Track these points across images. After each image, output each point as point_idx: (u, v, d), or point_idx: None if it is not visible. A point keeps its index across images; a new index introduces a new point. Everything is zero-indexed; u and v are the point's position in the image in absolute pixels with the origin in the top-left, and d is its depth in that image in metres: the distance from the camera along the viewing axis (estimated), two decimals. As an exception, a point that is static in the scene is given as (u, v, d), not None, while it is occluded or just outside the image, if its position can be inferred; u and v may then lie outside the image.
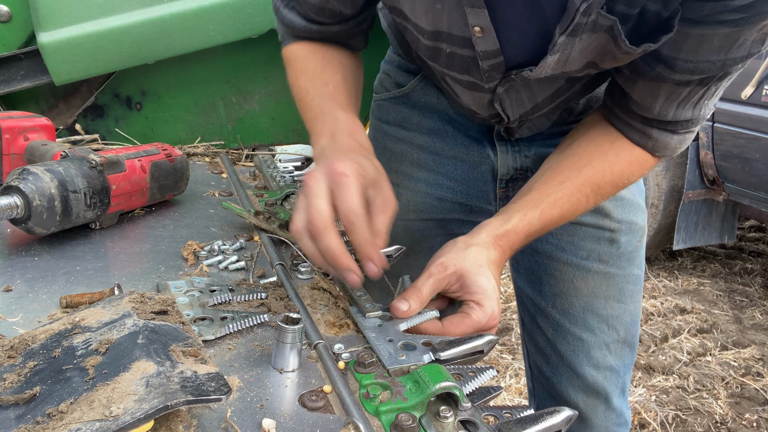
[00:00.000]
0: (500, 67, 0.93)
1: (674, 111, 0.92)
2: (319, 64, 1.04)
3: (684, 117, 0.93)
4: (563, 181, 0.95)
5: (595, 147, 0.98)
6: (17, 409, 0.54)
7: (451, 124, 1.22)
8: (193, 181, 1.24)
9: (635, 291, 1.24)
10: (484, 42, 0.88)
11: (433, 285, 0.84)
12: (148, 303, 0.69)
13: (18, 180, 0.88)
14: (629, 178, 1.00)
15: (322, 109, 0.95)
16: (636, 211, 1.20)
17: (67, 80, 1.35)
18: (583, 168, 0.96)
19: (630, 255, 1.21)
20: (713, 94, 0.90)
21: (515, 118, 1.07)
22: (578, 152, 0.98)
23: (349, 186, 0.76)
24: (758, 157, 3.31)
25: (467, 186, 1.25)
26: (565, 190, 0.95)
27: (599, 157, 0.97)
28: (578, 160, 0.97)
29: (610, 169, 0.97)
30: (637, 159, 0.98)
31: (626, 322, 1.24)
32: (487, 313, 0.82)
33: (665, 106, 0.92)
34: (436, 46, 0.95)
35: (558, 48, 0.84)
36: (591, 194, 0.97)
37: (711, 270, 4.20)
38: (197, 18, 1.35)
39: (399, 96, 1.27)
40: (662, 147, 0.97)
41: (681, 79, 0.86)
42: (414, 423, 0.59)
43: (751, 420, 2.69)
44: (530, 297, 1.29)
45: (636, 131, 0.97)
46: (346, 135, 0.90)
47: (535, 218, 0.93)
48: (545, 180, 0.97)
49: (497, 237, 0.91)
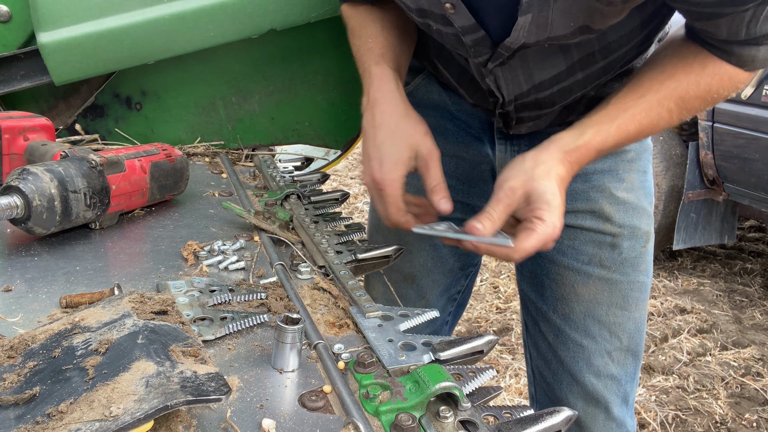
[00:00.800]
0: (485, 41, 0.92)
1: (745, 31, 0.85)
2: (361, 20, 1.10)
3: (762, 32, 0.85)
4: (643, 94, 0.91)
5: (679, 59, 0.93)
6: (17, 409, 0.54)
7: (452, 121, 1.22)
8: (193, 181, 1.24)
9: (640, 298, 1.20)
10: (458, 18, 0.88)
11: (503, 210, 0.87)
12: (148, 303, 0.69)
13: (18, 180, 0.88)
14: (719, 92, 0.93)
15: (362, 65, 1.04)
16: (640, 216, 1.17)
17: (67, 80, 1.35)
18: (666, 81, 0.91)
19: (634, 261, 1.18)
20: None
21: (510, 99, 1.06)
22: (660, 65, 0.93)
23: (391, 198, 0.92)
24: (758, 157, 3.31)
25: (468, 185, 1.25)
26: (645, 104, 0.91)
27: (683, 70, 0.92)
28: (660, 73, 0.92)
29: (696, 82, 0.91)
30: (726, 72, 0.91)
31: (630, 330, 1.20)
32: (549, 226, 0.84)
33: (732, 31, 0.85)
34: (426, 23, 0.97)
35: (527, 8, 0.82)
36: (675, 109, 0.92)
37: (711, 270, 4.20)
38: (197, 18, 1.35)
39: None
40: (749, 60, 0.90)
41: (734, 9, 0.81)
42: (414, 423, 0.59)
43: (751, 420, 2.69)
44: (533, 301, 1.27)
45: (716, 49, 0.91)
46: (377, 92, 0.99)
47: (610, 133, 0.90)
48: (624, 93, 0.92)
49: (567, 153, 0.89)
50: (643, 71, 0.95)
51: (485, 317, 3.42)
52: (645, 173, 1.19)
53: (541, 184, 0.85)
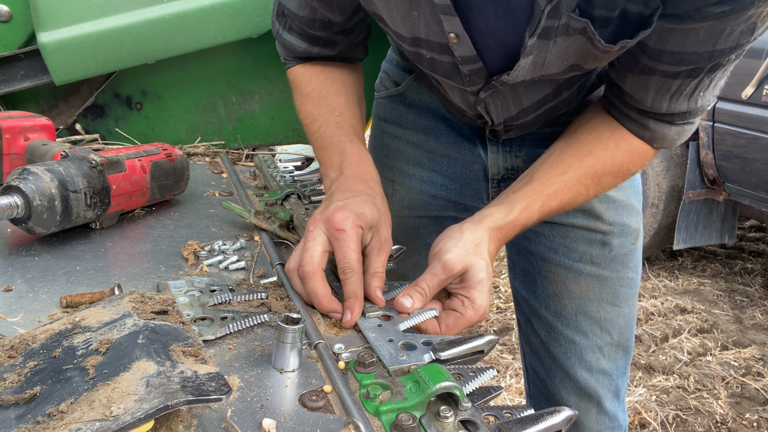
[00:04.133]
0: (481, 72, 0.94)
1: (667, 104, 0.91)
2: (323, 89, 1.07)
3: (679, 109, 0.92)
4: (564, 172, 0.95)
5: (595, 136, 0.97)
6: (17, 409, 0.54)
7: (444, 122, 1.23)
8: (193, 181, 1.24)
9: (630, 294, 1.23)
10: (461, 48, 0.89)
11: (438, 285, 0.85)
12: (148, 303, 0.69)
13: (18, 180, 0.88)
14: (629, 169, 0.99)
15: (331, 141, 1.00)
16: (629, 214, 1.19)
17: (67, 80, 1.35)
18: (584, 158, 0.96)
19: (624, 258, 1.20)
20: (709, 85, 0.88)
21: (500, 122, 1.08)
22: (579, 141, 0.98)
23: (346, 242, 0.82)
24: (758, 157, 3.31)
25: (460, 184, 1.25)
26: (566, 181, 0.95)
27: (600, 147, 0.96)
28: (579, 150, 0.96)
29: (611, 159, 0.96)
30: (636, 150, 0.97)
31: (620, 326, 1.23)
32: (479, 310, 0.85)
33: (657, 99, 0.91)
34: (417, 52, 0.97)
35: (530, 51, 0.84)
36: (591, 185, 0.97)
37: (711, 270, 4.20)
38: (197, 18, 1.35)
39: (396, 94, 1.28)
40: (660, 138, 0.96)
41: (668, 70, 0.85)
42: (414, 423, 0.59)
43: (752, 420, 2.69)
44: (525, 298, 1.29)
45: (633, 122, 0.96)
46: (354, 168, 0.95)
47: (535, 210, 0.94)
48: (546, 169, 0.96)
49: (497, 229, 0.91)
50: (565, 146, 0.99)
51: (485, 317, 3.42)
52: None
53: (477, 262, 0.85)
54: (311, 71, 1.10)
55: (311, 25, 1.04)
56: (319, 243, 0.83)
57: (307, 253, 0.82)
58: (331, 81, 1.08)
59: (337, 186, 0.93)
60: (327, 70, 1.09)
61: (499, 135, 1.16)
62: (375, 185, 0.94)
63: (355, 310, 0.80)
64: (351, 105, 1.06)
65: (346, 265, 0.82)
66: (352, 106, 1.06)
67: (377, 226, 0.87)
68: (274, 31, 1.12)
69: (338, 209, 0.84)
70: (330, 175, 0.97)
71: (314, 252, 0.82)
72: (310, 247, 0.83)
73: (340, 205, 0.85)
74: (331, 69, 1.10)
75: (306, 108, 1.07)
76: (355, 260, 0.82)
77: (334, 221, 0.83)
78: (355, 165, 0.96)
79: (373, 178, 0.96)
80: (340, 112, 1.03)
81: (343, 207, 0.85)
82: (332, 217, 0.83)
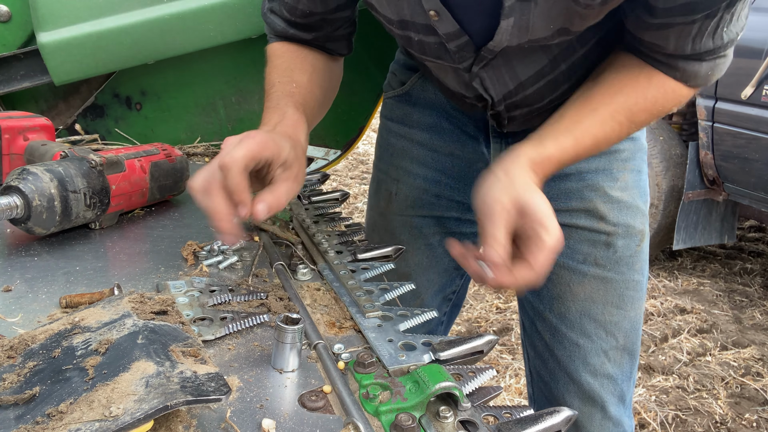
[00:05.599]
0: (469, 46, 0.93)
1: (691, 45, 0.88)
2: (290, 63, 1.08)
3: (705, 48, 0.88)
4: (596, 108, 0.92)
5: (626, 73, 0.94)
6: (17, 409, 0.54)
7: (447, 120, 1.23)
8: (193, 181, 1.24)
9: (636, 297, 1.20)
10: (442, 24, 0.89)
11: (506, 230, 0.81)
12: (148, 303, 0.69)
13: (18, 180, 0.88)
14: (664, 106, 0.95)
15: (278, 103, 0.99)
16: (634, 215, 1.17)
17: (66, 80, 1.35)
18: (616, 95, 0.92)
19: (629, 260, 1.18)
20: (731, 20, 0.85)
21: (499, 99, 1.06)
22: (609, 79, 0.94)
23: (246, 148, 0.79)
24: (758, 157, 3.31)
25: (464, 184, 1.25)
26: (598, 117, 0.91)
27: (631, 84, 0.93)
28: (610, 87, 0.93)
29: (643, 95, 0.93)
30: (670, 87, 0.94)
31: (626, 329, 1.21)
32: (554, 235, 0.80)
33: (680, 44, 0.88)
34: (407, 35, 0.97)
35: (509, 12, 0.83)
36: (625, 122, 0.93)
37: (711, 270, 4.20)
38: (197, 18, 1.35)
39: (401, 94, 1.28)
40: (692, 76, 0.93)
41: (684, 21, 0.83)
42: (414, 423, 0.59)
43: (751, 420, 2.69)
44: (529, 300, 1.28)
45: (661, 63, 0.93)
46: (286, 127, 0.92)
47: (568, 145, 0.90)
48: (576, 107, 0.93)
49: (535, 164, 0.87)
50: (592, 85, 0.95)
51: (485, 317, 3.42)
52: (639, 172, 1.19)
53: (531, 196, 0.82)
54: (286, 47, 1.12)
55: (293, 11, 1.08)
56: (221, 156, 0.80)
57: (212, 166, 0.80)
58: (301, 60, 1.09)
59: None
60: (301, 50, 1.11)
61: (502, 120, 1.12)
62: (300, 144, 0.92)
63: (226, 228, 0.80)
64: (312, 85, 1.06)
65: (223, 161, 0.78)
66: (313, 87, 1.06)
67: (291, 164, 0.86)
68: (262, 8, 1.16)
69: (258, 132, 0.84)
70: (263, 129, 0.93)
71: (213, 166, 0.80)
72: (214, 161, 0.80)
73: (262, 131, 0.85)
74: (306, 51, 1.11)
75: (270, 77, 1.06)
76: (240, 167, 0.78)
77: (249, 134, 0.82)
78: (289, 126, 0.93)
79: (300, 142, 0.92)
80: (298, 85, 1.03)
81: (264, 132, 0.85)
82: (249, 133, 0.83)
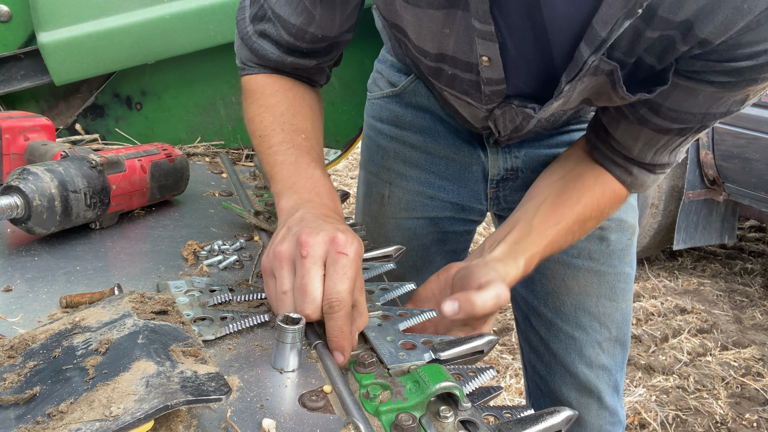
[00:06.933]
0: (502, 93, 0.94)
1: (652, 156, 0.96)
2: (290, 106, 0.98)
3: (660, 161, 0.97)
4: (558, 222, 0.98)
5: (582, 184, 1.00)
6: (17, 409, 0.54)
7: (442, 124, 1.23)
8: (193, 181, 1.24)
9: (626, 289, 1.25)
10: (490, 71, 0.89)
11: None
12: (148, 303, 0.69)
13: (18, 180, 0.88)
14: (608, 213, 1.04)
15: (297, 161, 0.91)
16: (626, 209, 1.21)
17: (67, 80, 1.35)
18: (575, 206, 0.99)
19: (620, 253, 1.22)
20: (688, 142, 0.95)
21: (506, 134, 1.09)
22: (568, 190, 1.00)
23: (347, 269, 0.70)
24: (758, 157, 3.31)
25: (459, 185, 1.25)
26: (560, 231, 0.98)
27: (588, 194, 1.00)
28: (568, 198, 0.99)
29: (596, 205, 1.00)
30: (616, 194, 1.01)
31: (618, 321, 1.25)
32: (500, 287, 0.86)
33: (644, 150, 0.95)
34: (438, 67, 0.95)
35: (563, 94, 0.86)
36: (578, 231, 1.00)
37: (711, 270, 4.20)
38: (197, 18, 1.35)
39: (392, 95, 1.27)
40: (639, 184, 1.01)
41: (662, 125, 0.89)
42: (414, 423, 0.59)
43: (751, 420, 2.69)
44: (523, 296, 1.30)
45: (618, 167, 0.99)
46: (327, 199, 0.87)
47: (535, 261, 0.96)
48: (542, 218, 0.98)
49: (507, 281, 0.91)
50: (555, 195, 1.00)
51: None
52: None
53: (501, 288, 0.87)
54: (278, 84, 1.00)
55: (300, 36, 0.95)
56: (318, 265, 0.71)
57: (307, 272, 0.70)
58: (300, 100, 1.00)
59: (312, 209, 0.82)
60: (296, 88, 1.01)
61: (501, 143, 1.17)
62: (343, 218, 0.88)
63: (346, 349, 0.70)
64: (316, 132, 0.99)
65: (336, 296, 0.69)
66: (317, 134, 0.99)
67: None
68: (242, 32, 1.00)
69: (340, 231, 0.73)
70: (302, 195, 0.86)
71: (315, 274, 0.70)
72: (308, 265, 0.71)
73: (342, 228, 0.75)
74: (301, 88, 1.02)
75: (264, 119, 0.97)
76: (349, 292, 0.70)
77: (337, 240, 0.72)
78: (327, 196, 0.87)
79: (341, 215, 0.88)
80: (308, 136, 0.96)
81: (345, 231, 0.74)
82: (335, 235, 0.72)
